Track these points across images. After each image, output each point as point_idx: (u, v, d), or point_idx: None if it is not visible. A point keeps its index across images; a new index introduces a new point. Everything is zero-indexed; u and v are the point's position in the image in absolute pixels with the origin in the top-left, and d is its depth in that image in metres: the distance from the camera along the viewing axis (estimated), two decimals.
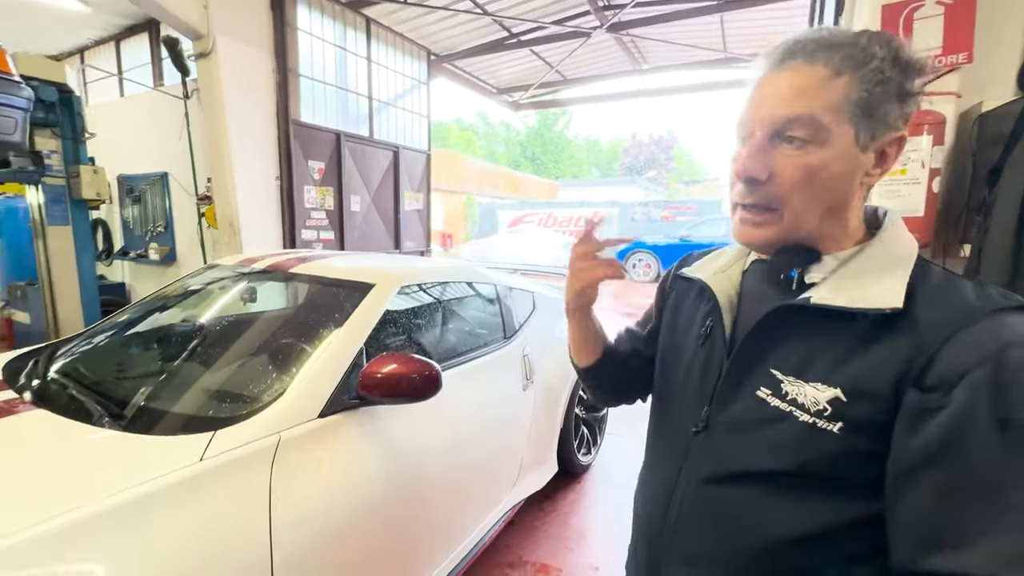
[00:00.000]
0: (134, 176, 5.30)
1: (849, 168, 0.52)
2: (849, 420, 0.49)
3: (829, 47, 0.51)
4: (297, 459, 1.14)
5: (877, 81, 0.49)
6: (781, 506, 0.54)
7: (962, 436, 0.44)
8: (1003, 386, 0.43)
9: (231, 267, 1.95)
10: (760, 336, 0.57)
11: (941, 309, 0.48)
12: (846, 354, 0.51)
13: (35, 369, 1.48)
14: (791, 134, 0.52)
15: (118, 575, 0.82)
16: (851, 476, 0.50)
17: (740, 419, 0.57)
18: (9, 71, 2.30)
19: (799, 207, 0.53)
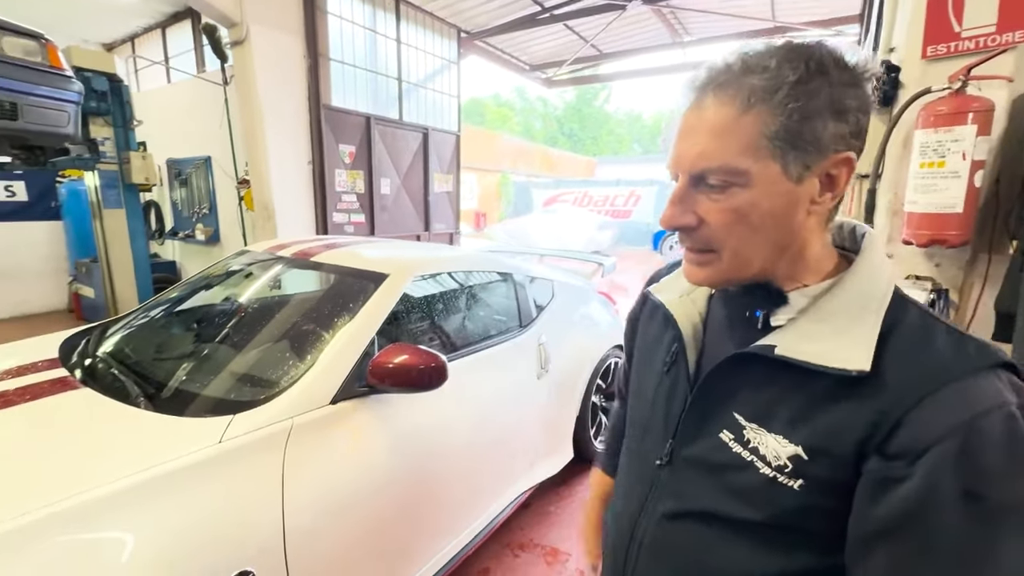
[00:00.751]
0: (181, 160, 5.58)
1: (783, 203, 0.48)
2: (810, 478, 0.48)
3: (737, 79, 0.47)
4: (309, 443, 1.21)
5: (792, 109, 0.45)
6: (736, 549, 0.53)
7: (925, 509, 0.42)
8: (971, 459, 0.41)
9: (260, 253, 2.04)
10: (722, 377, 0.55)
11: (912, 369, 0.45)
12: (808, 408, 0.49)
13: (85, 349, 1.63)
14: (711, 181, 0.49)
15: (147, 543, 0.91)
16: (811, 529, 0.49)
17: (702, 458, 0.56)
18: (61, 66, 2.45)
19: (737, 247, 0.50)
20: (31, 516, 0.85)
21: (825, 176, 0.48)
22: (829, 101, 0.45)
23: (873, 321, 0.48)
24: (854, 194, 1.62)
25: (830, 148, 0.47)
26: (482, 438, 1.77)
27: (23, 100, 2.33)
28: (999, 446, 0.41)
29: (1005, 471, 0.41)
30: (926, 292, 1.44)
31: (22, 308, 5.63)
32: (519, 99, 32.13)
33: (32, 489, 0.91)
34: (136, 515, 0.93)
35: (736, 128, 0.46)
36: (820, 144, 0.46)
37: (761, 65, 0.46)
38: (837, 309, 0.50)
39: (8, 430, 1.13)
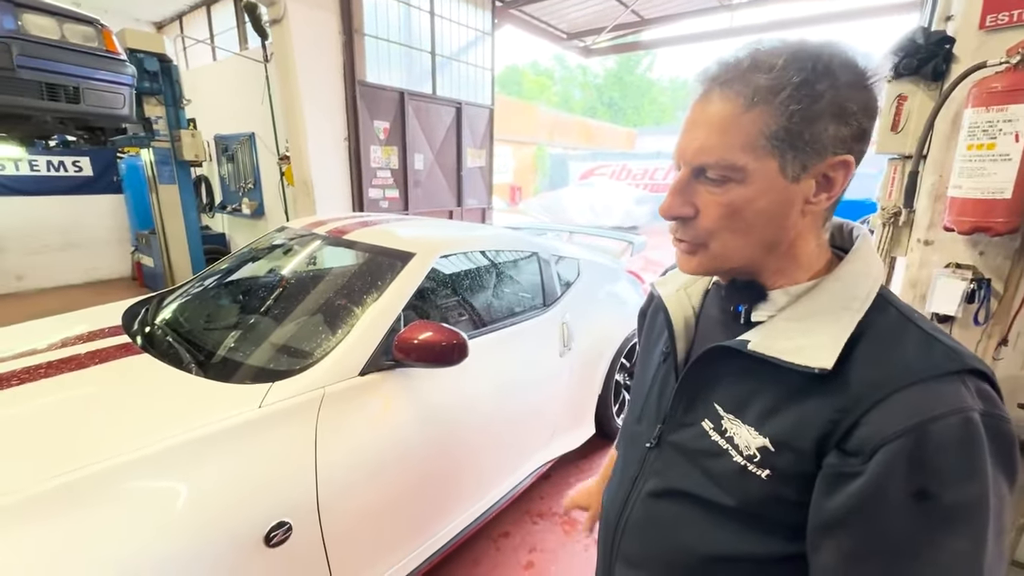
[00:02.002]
0: (227, 136, 5.82)
1: (778, 201, 0.49)
2: (776, 469, 0.50)
3: (744, 76, 0.47)
4: (340, 410, 1.31)
5: (793, 111, 0.45)
6: (711, 528, 0.56)
7: (873, 504, 0.43)
8: (922, 460, 0.42)
9: (299, 230, 2.15)
10: (702, 370, 0.58)
11: (875, 370, 0.46)
12: (777, 403, 0.51)
13: (144, 317, 1.79)
14: (709, 175, 0.50)
15: (198, 493, 1.03)
16: (777, 517, 0.51)
17: (685, 444, 0.59)
18: (116, 50, 2.60)
19: (728, 242, 0.52)
20: (104, 464, 0.98)
21: (822, 177, 0.49)
22: (832, 103, 0.45)
23: (847, 321, 0.48)
24: (895, 177, 1.54)
25: (829, 150, 0.47)
26: (503, 412, 1.85)
27: (84, 84, 2.50)
28: (952, 449, 0.42)
29: (956, 474, 0.42)
30: (965, 282, 1.37)
31: (92, 275, 6.14)
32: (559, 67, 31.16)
33: (103, 442, 1.05)
34: (189, 468, 1.05)
35: (737, 125, 0.47)
36: (819, 146, 0.47)
37: (768, 64, 0.46)
38: (815, 309, 0.51)
39: (82, 390, 1.28)
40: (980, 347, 1.45)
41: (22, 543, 0.85)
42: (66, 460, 0.98)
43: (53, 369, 1.35)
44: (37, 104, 2.40)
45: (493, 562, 1.88)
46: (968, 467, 0.42)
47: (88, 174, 5.72)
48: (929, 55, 1.38)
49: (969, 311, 1.40)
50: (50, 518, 0.89)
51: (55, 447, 1.04)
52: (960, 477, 0.42)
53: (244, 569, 1.08)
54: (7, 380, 1.29)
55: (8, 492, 0.90)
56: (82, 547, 0.89)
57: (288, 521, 1.15)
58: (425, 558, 1.57)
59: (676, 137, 0.54)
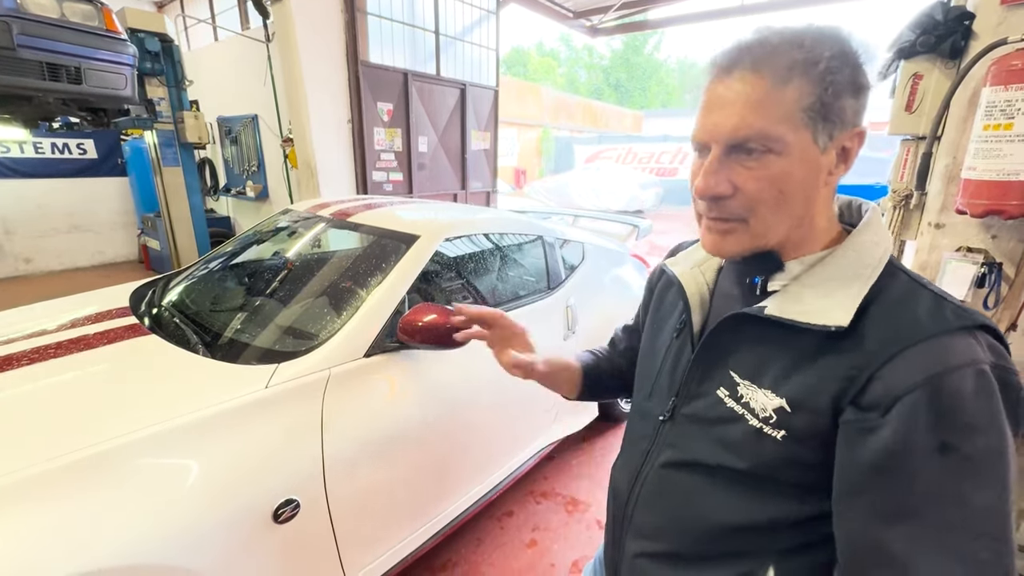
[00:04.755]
0: (231, 118, 5.77)
1: (812, 171, 0.51)
2: (791, 429, 0.51)
3: (773, 54, 0.49)
4: (345, 391, 1.32)
5: (828, 82, 0.48)
6: (725, 496, 0.57)
7: (896, 459, 0.44)
8: (941, 411, 0.43)
9: (302, 212, 2.15)
10: (719, 339, 0.59)
11: (888, 328, 0.48)
12: (794, 365, 0.52)
13: (151, 299, 1.80)
14: (749, 147, 0.50)
15: (207, 470, 1.05)
16: (790, 480, 0.52)
17: (700, 414, 0.60)
18: (116, 29, 2.57)
19: (767, 217, 0.52)
20: (115, 442, 1.00)
21: (841, 149, 0.52)
22: (851, 78, 0.49)
23: (860, 286, 0.51)
24: (907, 159, 1.50)
25: (850, 122, 0.50)
26: (507, 394, 1.86)
27: (85, 64, 2.48)
28: (968, 400, 0.43)
29: (975, 425, 0.43)
30: (976, 265, 1.35)
31: (99, 258, 6.18)
32: (564, 48, 30.58)
33: (114, 420, 1.07)
34: (198, 447, 1.07)
35: (775, 99, 0.49)
36: (844, 117, 0.49)
37: (798, 41, 0.49)
38: (829, 275, 0.53)
39: (91, 369, 1.30)
40: None
41: (35, 519, 0.88)
42: (77, 438, 1.00)
43: (63, 349, 1.37)
44: (39, 84, 2.38)
45: (497, 541, 1.91)
46: (986, 417, 0.43)
47: (92, 157, 5.73)
48: (947, 32, 1.34)
49: (979, 296, 1.39)
50: (62, 495, 0.91)
51: (66, 425, 1.05)
52: (979, 427, 0.43)
53: (254, 544, 1.10)
54: (18, 360, 1.31)
55: (20, 469, 0.92)
56: (94, 523, 0.91)
57: (296, 498, 1.17)
58: (429, 536, 1.60)
59: (693, 119, 0.54)
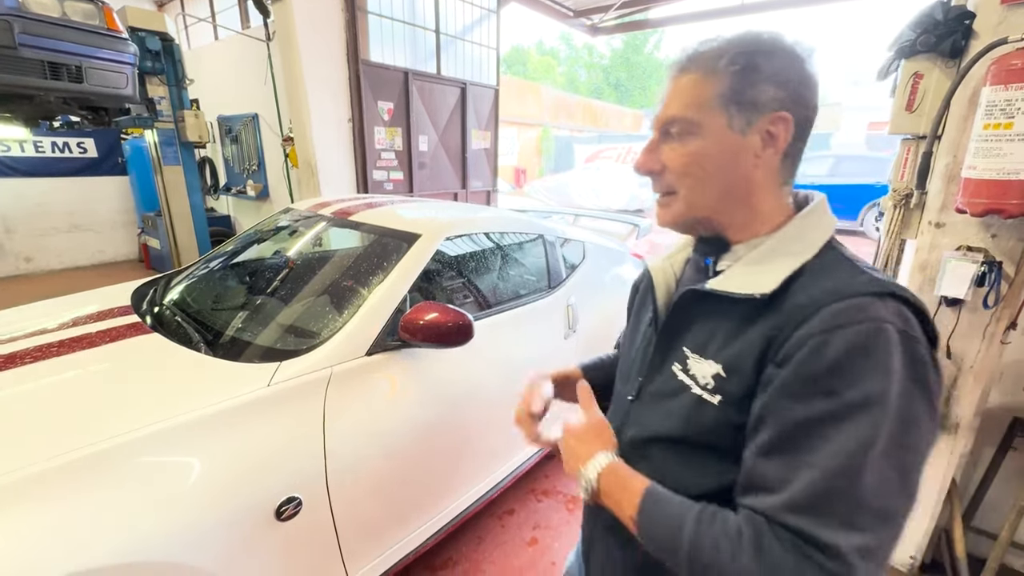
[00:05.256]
0: (231, 117, 5.77)
1: (729, 151, 0.57)
2: (725, 394, 0.55)
3: (698, 57, 0.59)
4: (347, 389, 1.33)
5: (733, 70, 0.55)
6: (677, 467, 0.61)
7: (780, 396, 0.50)
8: (826, 357, 0.47)
9: (303, 211, 2.15)
10: (674, 318, 0.65)
11: (807, 294, 0.52)
12: (731, 334, 0.57)
13: (153, 298, 1.81)
14: (672, 130, 0.60)
15: (209, 468, 1.06)
16: (729, 445, 0.55)
17: (659, 390, 0.65)
18: (117, 28, 2.57)
19: (693, 188, 0.60)
20: (118, 439, 1.00)
21: (766, 133, 0.57)
22: (771, 72, 0.55)
23: (793, 261, 0.56)
24: (908, 158, 1.51)
25: (768, 108, 0.56)
26: (508, 392, 1.86)
27: (87, 63, 2.48)
28: (857, 351, 0.47)
29: (857, 374, 0.46)
30: (975, 264, 1.36)
31: (99, 257, 6.18)
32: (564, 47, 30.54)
33: (117, 418, 1.07)
34: (201, 444, 1.07)
35: (695, 89, 0.58)
36: (759, 103, 0.56)
37: (717, 46, 0.58)
38: (772, 253, 0.58)
39: (94, 368, 1.30)
40: (988, 331, 1.44)
41: (37, 517, 0.88)
42: (79, 436, 1.00)
43: (65, 348, 1.37)
44: (40, 83, 2.38)
45: (498, 539, 1.92)
46: (860, 371, 0.46)
47: (92, 155, 5.72)
48: (948, 31, 1.34)
49: (979, 295, 1.39)
50: (64, 492, 0.91)
51: (68, 424, 1.06)
52: (852, 378, 0.46)
53: (257, 542, 1.11)
54: (21, 358, 1.31)
55: (21, 467, 0.92)
56: (96, 521, 0.91)
57: (298, 496, 1.17)
58: (431, 534, 1.61)
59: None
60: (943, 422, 1.60)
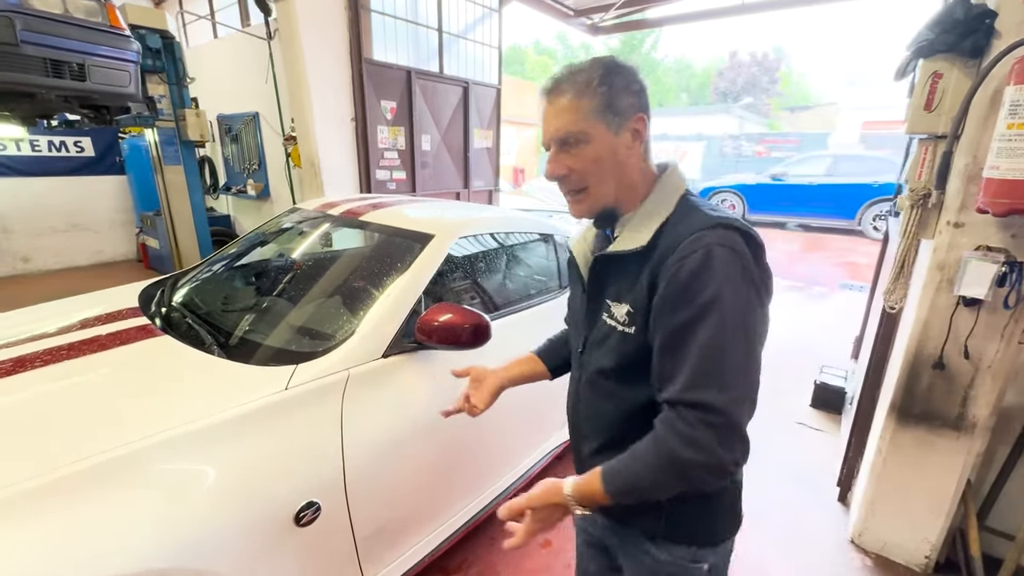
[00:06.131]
0: (231, 116, 5.73)
1: (612, 149, 0.76)
2: (636, 324, 0.75)
3: (568, 80, 0.75)
4: (364, 392, 1.31)
5: (602, 90, 0.73)
6: (618, 390, 0.81)
7: (661, 313, 0.70)
8: (679, 281, 0.68)
9: (311, 211, 2.13)
10: (593, 279, 0.83)
11: (670, 237, 0.72)
12: (631, 280, 0.76)
13: (161, 298, 1.78)
14: (568, 142, 0.76)
15: (228, 473, 1.04)
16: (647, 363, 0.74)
17: (596, 337, 0.84)
18: (120, 25, 2.53)
19: (597, 183, 0.78)
20: (136, 445, 0.98)
21: (633, 130, 0.76)
22: (624, 86, 0.75)
23: (657, 218, 0.76)
24: (926, 158, 1.50)
25: (630, 111, 0.75)
26: (520, 394, 1.84)
27: (89, 61, 2.45)
28: (695, 272, 0.67)
29: (698, 287, 0.67)
30: (996, 264, 1.35)
31: (97, 257, 6.12)
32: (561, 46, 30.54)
33: (133, 423, 1.05)
34: (220, 449, 1.05)
35: (574, 107, 0.74)
36: (624, 111, 0.75)
37: (582, 71, 0.75)
38: (644, 217, 0.78)
39: (107, 371, 1.28)
40: (1007, 331, 1.44)
41: (55, 524, 0.86)
42: (95, 442, 0.98)
43: (75, 351, 1.35)
44: (42, 81, 2.35)
45: None
46: (704, 282, 0.67)
47: (90, 154, 5.67)
48: (968, 30, 1.34)
49: (999, 295, 1.39)
50: (81, 500, 0.89)
51: (83, 429, 1.04)
52: (700, 288, 0.67)
53: (276, 548, 1.09)
54: (30, 362, 1.29)
55: (38, 474, 0.90)
56: (115, 527, 0.89)
57: (317, 501, 1.15)
58: (445, 537, 1.59)
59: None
60: (958, 423, 1.60)
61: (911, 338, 1.61)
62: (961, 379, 1.55)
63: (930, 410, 1.64)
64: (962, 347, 1.51)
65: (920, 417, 1.66)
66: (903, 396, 1.67)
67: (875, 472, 1.80)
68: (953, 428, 1.60)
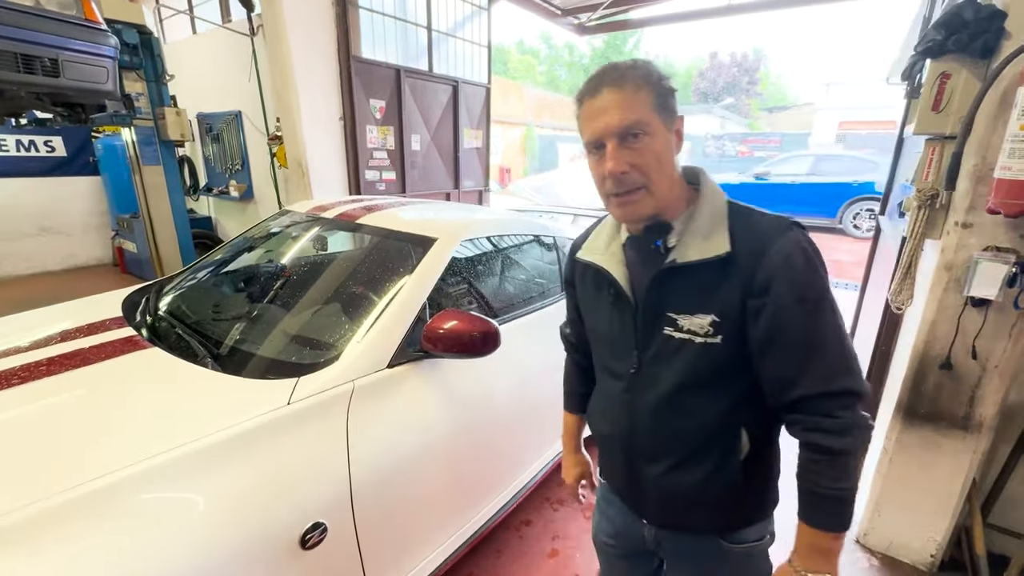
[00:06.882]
0: (212, 114, 5.55)
1: (668, 145, 0.75)
2: (726, 332, 0.75)
3: (624, 75, 0.73)
4: (370, 404, 1.25)
5: (661, 88, 0.73)
6: (700, 401, 0.79)
7: (780, 318, 0.71)
8: (792, 280, 0.70)
9: (303, 214, 2.04)
10: (652, 294, 0.79)
11: (750, 241, 0.73)
12: (711, 290, 0.75)
13: (147, 307, 1.69)
14: (634, 133, 0.72)
15: (230, 495, 0.97)
16: (734, 367, 0.77)
17: (659, 353, 0.81)
18: (97, 20, 2.41)
19: (658, 180, 0.75)
20: (130, 470, 0.90)
21: (676, 131, 0.77)
22: (669, 88, 0.75)
23: (722, 222, 0.76)
24: (933, 158, 1.50)
25: (675, 112, 0.76)
26: (525, 399, 1.80)
27: (63, 56, 2.31)
28: (803, 269, 0.71)
29: (809, 281, 0.71)
30: (1007, 265, 1.35)
31: (70, 261, 5.88)
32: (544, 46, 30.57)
33: (125, 446, 0.97)
34: (221, 471, 0.98)
35: (637, 100, 0.72)
36: (673, 109, 0.75)
37: (636, 66, 0.74)
38: (702, 222, 0.77)
39: (92, 388, 1.19)
40: (1016, 331, 1.45)
41: (33, 565, 0.78)
42: (82, 470, 0.90)
43: (56, 366, 1.26)
44: (12, 77, 2.21)
45: (516, 551, 1.85)
46: (813, 276, 0.72)
47: (61, 154, 5.42)
48: (978, 31, 1.33)
49: (1009, 296, 1.39)
50: (71, 532, 0.82)
51: (67, 456, 0.95)
52: (812, 283, 0.71)
53: (280, 574, 1.02)
54: (6, 379, 1.20)
55: (14, 509, 0.82)
56: (111, 558, 0.82)
57: (323, 522, 1.09)
58: (452, 551, 1.54)
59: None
60: (965, 423, 1.61)
61: (918, 338, 1.61)
62: (968, 379, 1.55)
63: (937, 410, 1.64)
64: (970, 347, 1.51)
65: (926, 417, 1.66)
66: (909, 396, 1.67)
67: (881, 472, 1.80)
68: (960, 428, 1.61)
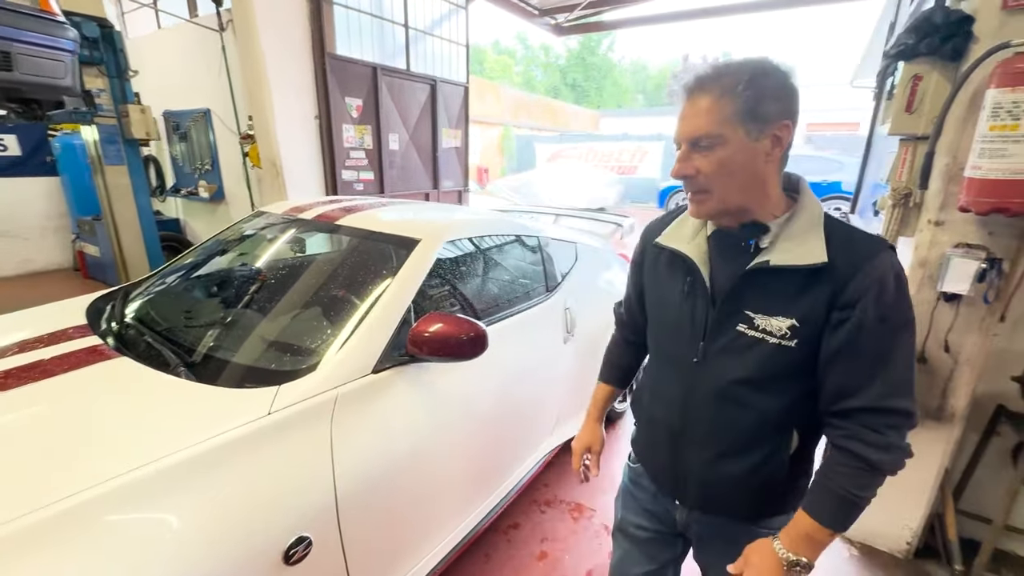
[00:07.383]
0: (179, 112, 5.35)
1: (748, 156, 0.75)
2: (802, 337, 0.77)
3: (713, 80, 0.74)
4: (354, 412, 1.20)
5: (747, 94, 0.71)
6: (762, 397, 0.82)
7: (858, 332, 0.73)
8: (880, 300, 0.72)
9: (279, 215, 1.97)
10: (738, 289, 0.81)
11: (847, 255, 0.74)
12: (796, 295, 0.76)
13: (113, 314, 1.60)
14: (701, 143, 0.75)
15: (209, 512, 0.91)
16: (803, 370, 0.79)
17: (727, 347, 0.83)
18: (53, 11, 2.28)
19: (720, 187, 0.77)
20: (100, 488, 0.85)
21: (774, 136, 0.74)
22: (772, 91, 0.73)
23: (819, 232, 0.77)
24: (906, 158, 1.55)
25: (775, 118, 0.73)
26: (511, 402, 1.79)
27: (15, 48, 2.18)
28: (893, 292, 0.72)
29: (897, 304, 0.73)
30: (978, 261, 1.40)
31: (27, 266, 5.58)
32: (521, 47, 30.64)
33: (91, 465, 0.91)
34: (199, 487, 0.93)
35: (715, 109, 0.73)
36: (768, 116, 0.73)
37: (729, 72, 0.73)
38: (797, 229, 0.78)
39: (54, 403, 1.12)
40: (985, 324, 1.50)
41: None
42: (41, 492, 0.84)
43: (13, 379, 1.18)
44: None
45: (505, 555, 1.83)
46: (902, 300, 0.74)
47: (15, 154, 5.11)
48: (948, 34, 1.38)
49: (979, 290, 1.44)
50: (26, 563, 0.76)
51: (24, 477, 0.89)
52: (899, 306, 0.73)
53: None
54: None
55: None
56: None
57: (308, 536, 1.05)
58: (440, 558, 1.51)
59: (674, 123, 0.80)
60: (939, 414, 1.66)
61: None
62: (941, 372, 1.61)
63: None
64: (943, 341, 1.56)
65: None
66: None
67: None
68: (934, 419, 1.66)
